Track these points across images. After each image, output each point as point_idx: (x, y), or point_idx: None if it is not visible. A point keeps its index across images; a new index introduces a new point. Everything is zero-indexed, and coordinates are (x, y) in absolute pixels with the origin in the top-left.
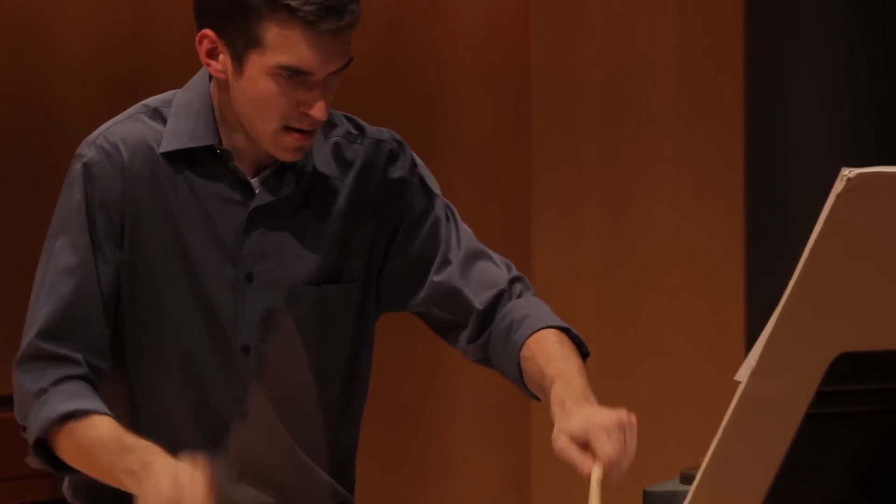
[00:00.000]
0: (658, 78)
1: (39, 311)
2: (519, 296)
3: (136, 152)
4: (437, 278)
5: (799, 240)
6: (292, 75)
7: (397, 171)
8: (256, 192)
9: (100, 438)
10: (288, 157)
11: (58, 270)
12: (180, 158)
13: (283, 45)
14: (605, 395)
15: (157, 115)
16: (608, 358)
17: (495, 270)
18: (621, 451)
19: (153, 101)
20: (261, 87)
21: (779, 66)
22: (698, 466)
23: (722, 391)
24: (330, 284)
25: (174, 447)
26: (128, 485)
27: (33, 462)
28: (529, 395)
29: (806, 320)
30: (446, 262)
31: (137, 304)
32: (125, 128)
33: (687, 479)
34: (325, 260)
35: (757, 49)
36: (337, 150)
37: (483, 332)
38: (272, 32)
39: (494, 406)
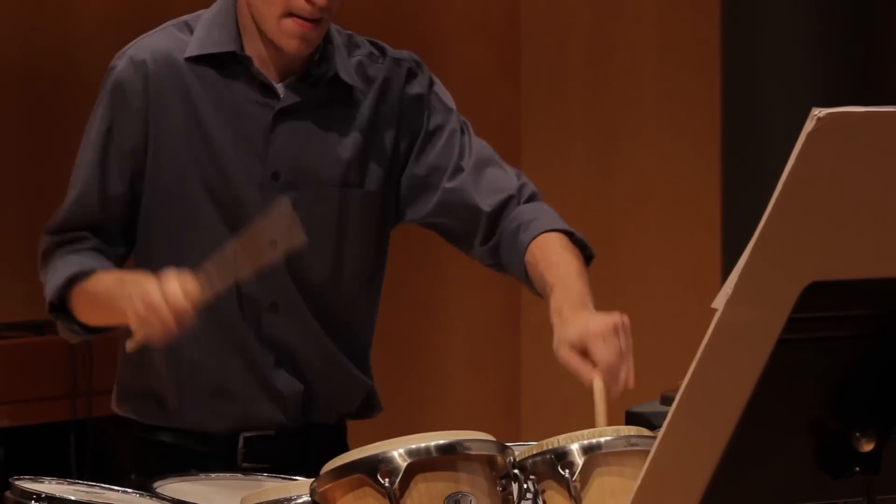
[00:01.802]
0: (640, 24)
1: (58, 211)
2: (527, 201)
3: (163, 61)
4: (448, 185)
5: (772, 176)
6: None
7: (415, 88)
8: (281, 95)
9: (103, 282)
10: (292, 45)
11: (76, 175)
12: (205, 64)
13: None
14: None
15: (186, 26)
16: (592, 287)
17: (505, 177)
18: (618, 354)
19: (187, 16)
20: None
21: (753, 10)
22: (677, 389)
23: (700, 318)
24: (351, 188)
25: (203, 339)
26: (115, 306)
27: (62, 331)
28: (536, 294)
29: (778, 251)
30: (459, 170)
31: (166, 205)
32: (154, 39)
33: (667, 400)
34: (347, 164)
35: None
36: (360, 67)
37: (493, 236)
38: None
39: (486, 333)
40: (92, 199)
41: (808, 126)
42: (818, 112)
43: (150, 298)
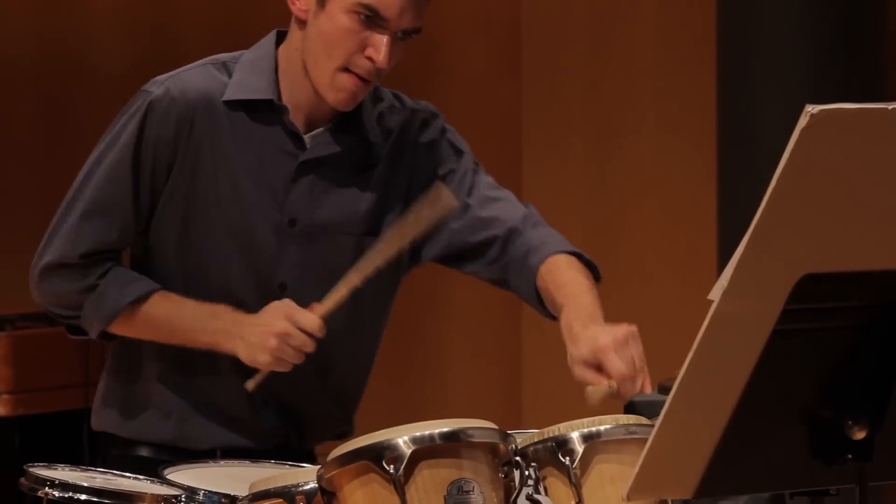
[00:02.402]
0: (638, 22)
1: (76, 230)
2: (534, 227)
3: (200, 98)
4: (455, 225)
5: (766, 171)
6: (369, 17)
7: (429, 135)
8: (308, 146)
9: (179, 310)
10: (340, 99)
11: (96, 197)
12: (241, 108)
13: None
14: None
15: (224, 68)
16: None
17: (511, 206)
18: (631, 364)
19: (224, 56)
20: (337, 22)
21: (749, 10)
22: (675, 378)
23: (696, 309)
24: (367, 237)
25: (198, 360)
26: (219, 343)
27: (75, 337)
28: (548, 316)
29: (773, 244)
30: (466, 207)
31: (184, 237)
32: (194, 76)
33: (664, 389)
34: (364, 216)
35: None
36: (381, 118)
37: (503, 256)
38: None
39: (488, 324)
40: (124, 218)
41: (802, 122)
42: (811, 108)
43: (281, 331)
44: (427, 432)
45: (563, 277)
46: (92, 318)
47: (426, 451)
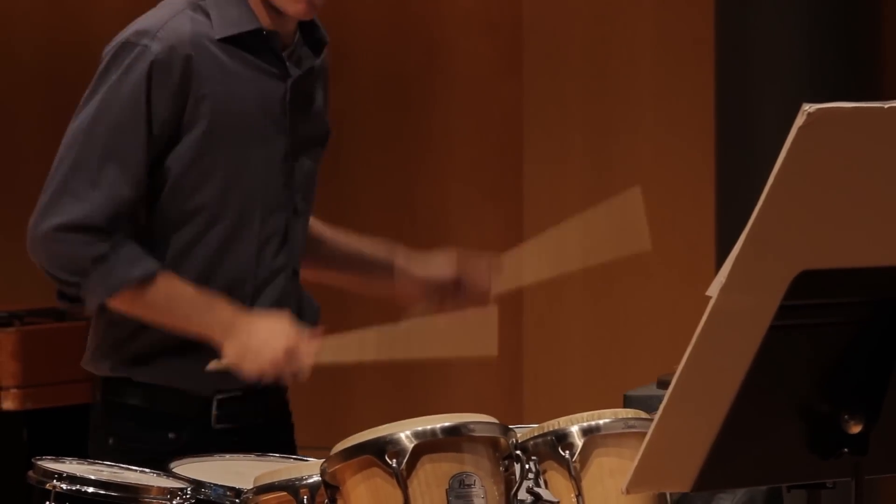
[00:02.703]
0: (637, 23)
1: (88, 191)
2: None
3: (195, 44)
4: None
5: (764, 169)
6: None
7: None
8: (288, 65)
9: (179, 295)
10: (299, 10)
11: (104, 154)
12: (232, 43)
13: None
14: (589, 310)
15: (200, 9)
16: (592, 276)
17: None
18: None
19: None
20: None
21: (745, 9)
22: (674, 373)
23: (695, 305)
24: (321, 148)
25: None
26: (211, 335)
27: (63, 304)
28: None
29: (770, 241)
30: None
31: (197, 175)
32: (181, 23)
33: (663, 384)
34: (321, 123)
35: None
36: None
37: None
38: None
39: None
40: (137, 173)
41: (799, 121)
42: (808, 107)
43: (279, 357)
44: (429, 427)
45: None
46: (96, 288)
47: (428, 445)
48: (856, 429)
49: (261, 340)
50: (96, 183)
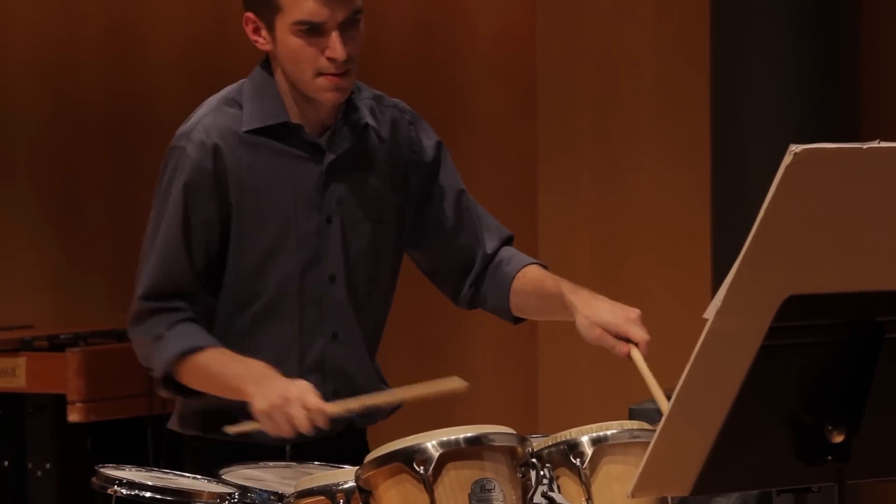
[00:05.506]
0: (640, 72)
1: (143, 278)
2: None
3: (224, 136)
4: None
5: (755, 203)
6: (309, 29)
7: (415, 131)
8: (326, 149)
9: (214, 359)
10: (329, 98)
11: (157, 245)
12: (261, 134)
13: (294, 4)
14: None
15: (234, 103)
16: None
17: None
18: (646, 333)
19: (229, 91)
20: (288, 44)
21: (738, 62)
22: (673, 389)
23: (692, 327)
24: (382, 223)
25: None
26: (240, 387)
27: (163, 393)
28: (511, 319)
29: (761, 269)
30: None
31: (245, 257)
32: (213, 119)
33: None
34: (379, 201)
35: (720, 49)
36: (371, 109)
37: (484, 273)
38: None
39: (507, 340)
40: (181, 266)
41: (787, 160)
42: (795, 148)
43: (288, 396)
44: (453, 437)
45: (542, 276)
46: (154, 363)
47: (452, 453)
48: (838, 438)
49: (275, 387)
50: (153, 273)
